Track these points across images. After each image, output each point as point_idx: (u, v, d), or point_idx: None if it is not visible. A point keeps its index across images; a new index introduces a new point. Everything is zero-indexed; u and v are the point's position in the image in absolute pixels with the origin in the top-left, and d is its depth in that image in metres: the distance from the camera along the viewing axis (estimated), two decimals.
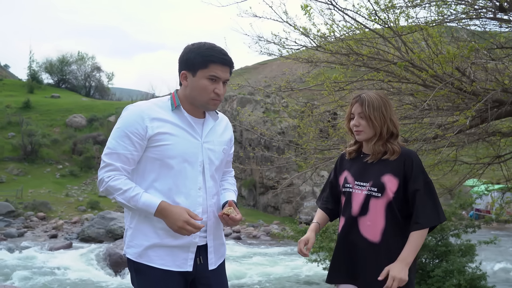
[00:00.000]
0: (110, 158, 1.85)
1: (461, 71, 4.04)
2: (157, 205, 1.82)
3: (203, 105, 1.93)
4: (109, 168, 1.84)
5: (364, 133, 2.08)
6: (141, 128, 1.85)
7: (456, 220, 8.17)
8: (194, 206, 1.91)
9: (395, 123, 2.09)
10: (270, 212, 27.71)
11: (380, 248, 2.01)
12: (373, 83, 5.27)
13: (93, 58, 55.00)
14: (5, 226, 21.43)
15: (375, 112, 2.03)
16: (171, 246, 1.89)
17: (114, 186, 1.82)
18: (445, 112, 5.23)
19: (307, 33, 5.02)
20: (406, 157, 2.02)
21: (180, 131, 1.90)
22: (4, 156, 32.19)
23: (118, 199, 1.84)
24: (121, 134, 1.86)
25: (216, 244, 2.02)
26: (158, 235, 1.88)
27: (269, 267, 15.73)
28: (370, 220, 2.04)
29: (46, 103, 40.17)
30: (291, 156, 6.80)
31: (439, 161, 6.84)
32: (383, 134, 2.04)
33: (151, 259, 1.89)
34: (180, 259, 1.90)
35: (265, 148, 23.56)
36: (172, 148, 1.86)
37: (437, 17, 4.61)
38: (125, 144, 1.85)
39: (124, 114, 1.92)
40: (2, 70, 64.76)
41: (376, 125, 2.03)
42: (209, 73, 1.87)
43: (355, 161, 2.17)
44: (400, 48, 4.64)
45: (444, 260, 7.47)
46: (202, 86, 1.87)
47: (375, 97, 2.06)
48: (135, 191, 1.83)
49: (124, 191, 1.82)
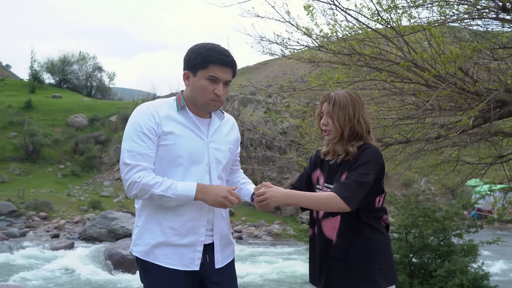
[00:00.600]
0: (135, 160, 1.84)
1: (464, 71, 4.04)
2: (195, 186, 1.84)
3: (203, 106, 1.94)
4: (138, 169, 1.83)
5: (331, 132, 2.02)
6: (155, 125, 1.87)
7: (458, 220, 8.17)
8: (200, 206, 1.92)
9: (363, 123, 2.00)
10: (272, 212, 27.71)
11: (336, 246, 1.95)
12: (375, 83, 5.27)
13: (94, 58, 55.22)
14: (7, 225, 21.45)
15: (340, 111, 1.97)
16: (177, 245, 1.90)
17: (148, 183, 1.81)
18: (448, 112, 5.23)
19: (309, 33, 5.02)
20: (360, 154, 1.94)
21: (186, 131, 1.92)
22: (6, 156, 32.22)
23: (156, 193, 1.81)
24: (138, 134, 1.86)
25: (222, 243, 2.02)
26: (165, 233, 1.89)
27: (270, 267, 15.73)
28: (331, 219, 1.98)
29: (48, 103, 40.21)
30: (293, 156, 6.80)
31: (441, 161, 6.84)
32: (344, 135, 1.98)
33: (157, 258, 1.90)
34: (187, 259, 1.91)
35: (267, 148, 23.57)
36: (179, 147, 1.88)
37: (440, 17, 4.61)
38: (145, 143, 1.86)
39: (135, 114, 1.92)
40: (3, 70, 64.85)
41: (340, 125, 1.97)
42: (208, 73, 1.88)
43: (327, 162, 2.10)
44: (403, 48, 4.63)
45: (447, 260, 7.47)
46: (201, 87, 1.89)
47: (343, 96, 1.99)
48: (170, 181, 1.84)
49: (160, 183, 1.82)
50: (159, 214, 1.91)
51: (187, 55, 1.93)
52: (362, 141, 1.99)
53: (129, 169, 1.83)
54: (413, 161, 6.45)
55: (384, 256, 1.95)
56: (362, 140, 1.99)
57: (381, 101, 5.81)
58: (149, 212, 1.92)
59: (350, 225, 1.92)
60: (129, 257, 14.53)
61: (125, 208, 24.90)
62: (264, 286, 13.84)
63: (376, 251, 1.92)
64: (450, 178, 7.40)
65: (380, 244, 1.94)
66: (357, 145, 1.98)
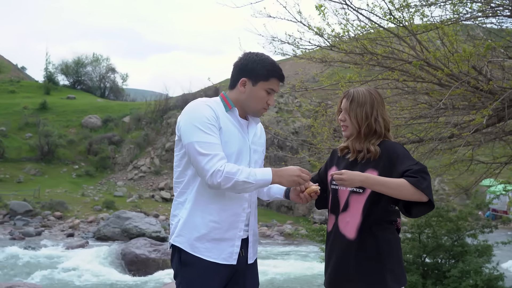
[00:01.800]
0: (212, 149, 1.89)
1: (478, 70, 4.01)
2: (270, 171, 1.94)
3: (253, 112, 2.08)
4: (218, 158, 1.89)
5: (348, 128, 2.06)
6: (216, 119, 1.96)
7: (473, 220, 8.08)
8: (241, 201, 2.03)
9: (381, 122, 2.01)
10: (284, 212, 27.69)
11: (354, 244, 1.95)
12: (387, 82, 5.25)
13: (107, 59, 55.63)
14: (23, 225, 21.81)
15: (358, 108, 2.00)
16: (218, 239, 1.98)
17: (231, 170, 1.87)
18: (461, 111, 5.18)
19: (321, 33, 5.02)
20: (387, 150, 1.96)
21: (236, 131, 2.03)
22: (22, 156, 32.74)
23: (240, 179, 1.86)
24: (207, 125, 1.92)
25: (254, 239, 2.12)
26: (207, 227, 1.97)
27: (282, 267, 15.73)
28: (349, 216, 1.99)
29: (62, 104, 40.74)
30: (304, 155, 6.81)
31: (455, 161, 6.78)
32: (362, 132, 2.00)
33: (199, 250, 1.97)
34: (226, 253, 1.99)
35: (279, 148, 23.54)
36: (231, 145, 1.98)
37: (453, 15, 4.57)
38: (216, 134, 1.93)
39: (196, 108, 1.98)
40: (19, 72, 65.89)
41: (357, 122, 2.00)
42: (268, 86, 2.03)
43: (344, 158, 2.12)
44: (415, 47, 4.61)
45: (461, 261, 7.40)
46: (259, 96, 2.03)
47: (362, 93, 2.03)
48: (248, 168, 1.94)
49: (242, 170, 1.89)
50: (203, 208, 1.98)
51: (249, 64, 2.03)
52: (380, 139, 2.01)
53: (209, 158, 1.87)
54: (426, 160, 6.41)
55: (396, 257, 1.97)
56: (380, 138, 2.01)
57: (394, 100, 5.78)
58: (193, 205, 1.99)
59: (373, 223, 1.95)
60: (143, 256, 14.66)
61: (138, 208, 25.10)
62: (276, 286, 13.84)
63: (388, 252, 1.94)
64: (464, 178, 7.33)
65: (392, 245, 1.96)
66: (377, 143, 2.00)
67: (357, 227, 1.95)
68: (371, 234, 1.94)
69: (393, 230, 2.00)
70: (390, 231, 1.98)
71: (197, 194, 2.00)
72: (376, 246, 1.93)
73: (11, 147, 32.99)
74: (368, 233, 1.94)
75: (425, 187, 1.82)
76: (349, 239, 1.97)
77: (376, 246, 1.93)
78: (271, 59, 2.06)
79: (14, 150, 32.90)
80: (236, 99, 2.07)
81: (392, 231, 1.99)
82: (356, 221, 1.95)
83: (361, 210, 1.95)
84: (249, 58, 2.05)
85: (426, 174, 1.87)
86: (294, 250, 19.18)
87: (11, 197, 25.45)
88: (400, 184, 1.84)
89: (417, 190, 1.82)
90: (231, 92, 2.09)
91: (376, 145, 1.99)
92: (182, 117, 1.99)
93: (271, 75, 2.03)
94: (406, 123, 5.65)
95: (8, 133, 34.68)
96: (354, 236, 1.95)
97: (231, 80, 2.08)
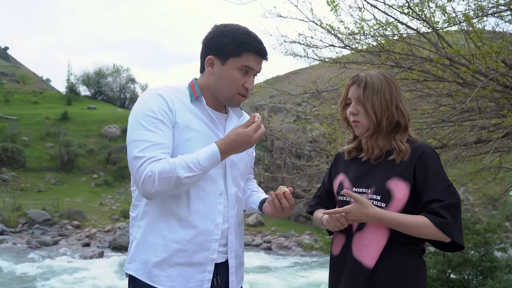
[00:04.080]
0: (150, 151, 1.47)
1: (508, 65, 3.60)
2: (216, 147, 1.51)
3: (227, 99, 1.63)
4: (151, 161, 1.46)
5: (362, 124, 1.59)
6: (168, 111, 1.53)
7: (502, 233, 7.55)
8: (214, 215, 1.58)
9: (403, 111, 1.59)
10: (302, 222, 27.20)
11: (373, 275, 1.51)
12: (406, 83, 4.88)
13: (127, 70, 56.67)
14: (41, 234, 21.93)
15: (375, 96, 1.55)
16: (184, 264, 1.55)
17: (164, 168, 1.44)
18: (488, 114, 4.76)
19: (334, 32, 4.72)
20: (419, 154, 1.54)
21: (201, 126, 1.59)
22: (42, 166, 33.24)
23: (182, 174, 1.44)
24: (148, 121, 1.50)
25: (237, 264, 1.68)
26: (168, 249, 1.54)
27: (300, 278, 15.27)
28: (367, 238, 1.54)
29: (83, 114, 41.42)
30: (319, 162, 6.44)
31: (481, 168, 6.31)
32: (382, 125, 1.56)
33: (158, 279, 1.54)
34: (195, 281, 1.55)
35: (296, 157, 23.18)
36: (193, 144, 1.55)
37: (477, 11, 4.20)
38: (157, 131, 1.49)
39: (144, 98, 1.56)
40: (43, 84, 67.62)
41: (375, 113, 1.56)
42: (242, 63, 1.57)
43: (354, 161, 1.68)
44: (437, 44, 4.25)
45: (490, 277, 6.89)
46: (231, 78, 1.58)
47: (376, 77, 1.58)
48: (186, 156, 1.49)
49: (178, 162, 1.46)
50: (162, 224, 1.55)
51: (216, 37, 1.58)
52: (406, 133, 1.59)
53: (141, 163, 1.46)
54: (450, 168, 5.97)
55: (422, 284, 1.56)
56: (406, 132, 1.59)
57: (414, 103, 5.40)
58: (150, 221, 1.57)
59: (398, 249, 1.53)
60: None
61: None
62: None
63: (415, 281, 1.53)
64: (491, 187, 6.84)
65: (419, 272, 1.55)
66: (404, 139, 1.58)
67: (377, 252, 1.52)
68: (394, 261, 1.51)
69: (418, 253, 1.58)
70: (416, 254, 1.56)
71: (152, 207, 1.58)
72: (402, 276, 1.51)
73: (32, 157, 33.57)
74: (391, 259, 1.51)
75: (457, 235, 1.47)
76: (366, 267, 1.53)
77: (401, 276, 1.51)
78: (245, 29, 1.60)
79: (35, 160, 33.45)
80: (205, 85, 1.63)
81: (418, 254, 1.57)
82: (378, 245, 1.52)
83: (384, 230, 1.52)
84: (216, 31, 1.59)
85: (458, 211, 1.48)
86: (311, 261, 18.66)
87: (30, 206, 25.74)
88: (423, 226, 1.47)
89: (443, 234, 1.47)
90: (200, 76, 1.66)
91: (405, 142, 1.55)
92: (131, 111, 1.57)
93: (244, 49, 1.55)
94: (429, 127, 5.23)
95: (30, 143, 35.33)
96: (373, 263, 1.52)
97: (201, 62, 1.64)
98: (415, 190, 1.52)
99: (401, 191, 1.52)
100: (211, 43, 1.59)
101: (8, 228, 22.51)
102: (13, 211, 24.95)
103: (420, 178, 1.51)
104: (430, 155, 1.53)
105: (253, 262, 16.84)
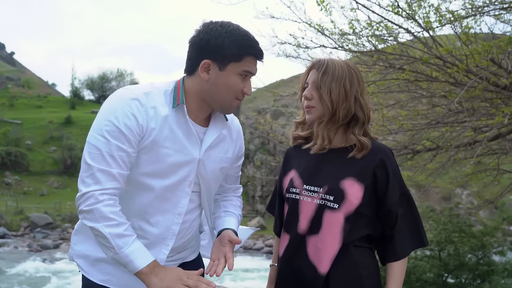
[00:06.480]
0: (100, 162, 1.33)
1: (497, 63, 3.54)
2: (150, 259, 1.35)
3: (223, 107, 1.47)
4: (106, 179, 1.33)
5: (315, 110, 1.47)
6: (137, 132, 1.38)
7: (500, 236, 7.44)
8: (166, 234, 1.47)
9: (363, 105, 1.48)
10: None
11: (328, 281, 1.42)
12: (398, 83, 4.84)
13: (131, 74, 56.80)
14: (42, 237, 21.97)
15: (334, 83, 1.44)
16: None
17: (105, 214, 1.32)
18: (482, 114, 4.70)
19: (323, 32, 4.69)
20: (379, 156, 1.45)
21: (174, 141, 1.43)
22: (46, 169, 33.36)
23: (104, 231, 1.32)
24: (112, 129, 1.35)
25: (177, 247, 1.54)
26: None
27: None
28: (321, 241, 1.43)
29: (86, 118, 41.56)
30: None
31: (477, 170, 6.23)
32: (338, 116, 1.45)
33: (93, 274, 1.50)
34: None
35: None
36: (159, 160, 1.42)
37: (470, 10, 4.16)
38: (119, 143, 1.35)
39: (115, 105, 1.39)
40: (48, 88, 67.99)
41: (331, 100, 1.44)
42: (243, 68, 1.42)
43: (305, 156, 1.54)
44: (426, 42, 4.20)
45: (487, 281, 6.79)
46: (230, 84, 1.42)
47: (339, 64, 1.46)
48: (131, 236, 1.35)
49: (118, 225, 1.33)
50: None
51: (213, 39, 1.40)
52: (363, 130, 1.48)
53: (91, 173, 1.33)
54: (448, 170, 5.89)
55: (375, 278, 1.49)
56: (363, 128, 1.48)
57: (407, 104, 5.35)
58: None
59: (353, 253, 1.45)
60: None
61: None
62: None
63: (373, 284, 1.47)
64: (489, 189, 6.76)
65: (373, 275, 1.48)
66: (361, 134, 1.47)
67: (332, 256, 1.42)
68: (349, 264, 1.44)
69: (372, 253, 1.50)
70: (370, 255, 1.49)
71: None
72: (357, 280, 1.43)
73: (36, 161, 33.69)
74: (346, 265, 1.43)
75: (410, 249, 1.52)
76: (320, 273, 1.42)
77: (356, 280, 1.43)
78: (242, 29, 1.45)
79: (38, 164, 33.57)
80: (194, 90, 1.45)
81: (371, 254, 1.50)
82: (332, 249, 1.42)
83: (339, 233, 1.42)
84: (211, 32, 1.41)
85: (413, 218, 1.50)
86: None
87: (33, 210, 25.79)
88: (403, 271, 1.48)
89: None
90: (188, 79, 1.47)
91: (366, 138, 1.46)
92: (100, 108, 1.42)
93: (246, 52, 1.40)
94: (422, 128, 5.17)
95: (33, 146, 35.48)
96: (326, 269, 1.42)
97: (188, 63, 1.46)
98: (374, 193, 1.45)
99: (355, 194, 1.42)
100: (207, 46, 1.42)
101: (10, 232, 22.58)
102: (15, 215, 25.03)
103: (381, 185, 1.45)
104: (389, 159, 1.46)
105: (255, 266, 16.71)
